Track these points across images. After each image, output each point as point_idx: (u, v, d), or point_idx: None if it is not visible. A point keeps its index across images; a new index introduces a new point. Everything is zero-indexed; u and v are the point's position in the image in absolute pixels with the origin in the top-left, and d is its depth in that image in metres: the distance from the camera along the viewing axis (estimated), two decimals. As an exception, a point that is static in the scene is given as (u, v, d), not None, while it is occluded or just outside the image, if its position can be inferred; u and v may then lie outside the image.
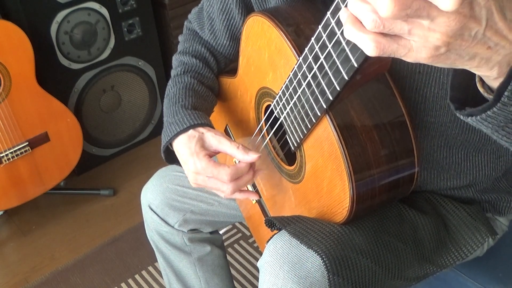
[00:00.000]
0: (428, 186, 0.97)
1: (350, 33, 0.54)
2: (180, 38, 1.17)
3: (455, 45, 0.52)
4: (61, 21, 1.93)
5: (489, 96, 0.62)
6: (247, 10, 1.03)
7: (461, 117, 0.65)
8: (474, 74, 0.62)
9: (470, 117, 0.63)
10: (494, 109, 0.60)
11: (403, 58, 0.54)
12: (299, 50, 0.80)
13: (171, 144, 0.99)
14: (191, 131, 0.95)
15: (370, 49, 0.53)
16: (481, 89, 0.63)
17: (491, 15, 0.51)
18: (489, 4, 0.51)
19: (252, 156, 0.89)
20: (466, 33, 0.51)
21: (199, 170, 0.91)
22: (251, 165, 0.91)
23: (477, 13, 0.50)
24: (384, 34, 0.52)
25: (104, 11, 2.03)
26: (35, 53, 1.79)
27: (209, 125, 0.97)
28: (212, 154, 0.94)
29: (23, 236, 2.04)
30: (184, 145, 0.95)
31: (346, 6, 0.55)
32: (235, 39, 1.09)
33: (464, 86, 0.66)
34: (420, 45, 0.52)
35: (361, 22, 0.52)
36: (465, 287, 1.08)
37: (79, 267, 1.88)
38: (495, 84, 0.60)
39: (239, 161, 0.91)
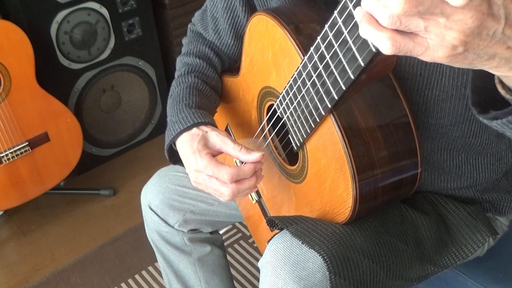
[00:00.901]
0: (428, 187, 0.97)
1: (366, 31, 0.53)
2: (184, 40, 1.17)
3: (473, 44, 0.51)
4: (61, 21, 1.93)
5: (510, 98, 0.61)
6: (250, 8, 1.03)
7: (485, 120, 0.63)
8: (493, 76, 0.61)
9: (495, 121, 0.62)
10: None
11: (420, 58, 0.53)
12: (304, 49, 0.80)
13: (174, 144, 0.99)
14: (194, 129, 0.94)
15: (387, 47, 0.52)
16: (502, 91, 0.61)
17: (510, 13, 0.50)
18: (507, 2, 0.50)
19: (255, 155, 0.88)
20: (484, 32, 0.50)
21: (200, 168, 0.90)
22: (255, 168, 0.89)
23: (495, 11, 0.49)
24: (400, 32, 0.51)
25: (104, 11, 2.02)
26: (35, 53, 1.79)
27: (213, 124, 0.96)
28: (215, 154, 0.92)
29: (23, 236, 2.04)
30: (186, 143, 0.94)
31: (355, 4, 0.55)
32: (239, 38, 1.08)
33: (483, 89, 0.64)
34: (437, 43, 0.51)
35: (376, 21, 0.51)
36: (465, 287, 1.08)
37: (79, 267, 1.88)
38: None
39: (240, 163, 0.91)
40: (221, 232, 1.40)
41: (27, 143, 1.88)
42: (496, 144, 0.93)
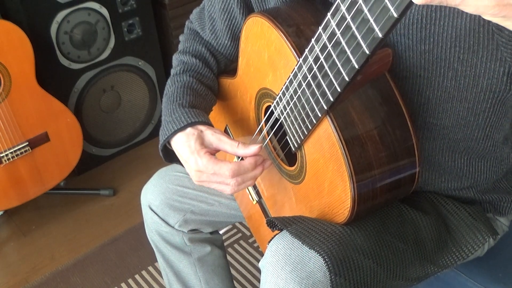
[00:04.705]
0: (429, 187, 0.96)
1: None
2: (181, 37, 1.17)
3: None
4: (61, 21, 1.93)
5: None
6: (248, 10, 1.02)
7: None
8: None
9: None
10: None
11: (460, 8, 0.47)
12: (299, 51, 0.80)
13: (169, 143, 0.98)
14: (189, 129, 0.94)
15: None
16: None
17: None
18: None
19: (253, 149, 0.88)
20: None
21: (201, 168, 0.90)
22: (256, 162, 0.90)
23: None
24: None
25: (104, 11, 2.02)
26: (35, 53, 1.79)
27: (208, 123, 0.96)
28: (212, 152, 0.92)
29: (23, 236, 2.04)
30: (183, 144, 0.93)
31: (348, 7, 0.55)
32: (236, 39, 1.08)
33: None
34: None
35: None
36: (465, 287, 1.08)
37: (79, 267, 1.88)
38: None
39: (240, 158, 0.91)
40: (221, 232, 1.40)
41: (27, 143, 1.88)
42: (500, 149, 0.93)
